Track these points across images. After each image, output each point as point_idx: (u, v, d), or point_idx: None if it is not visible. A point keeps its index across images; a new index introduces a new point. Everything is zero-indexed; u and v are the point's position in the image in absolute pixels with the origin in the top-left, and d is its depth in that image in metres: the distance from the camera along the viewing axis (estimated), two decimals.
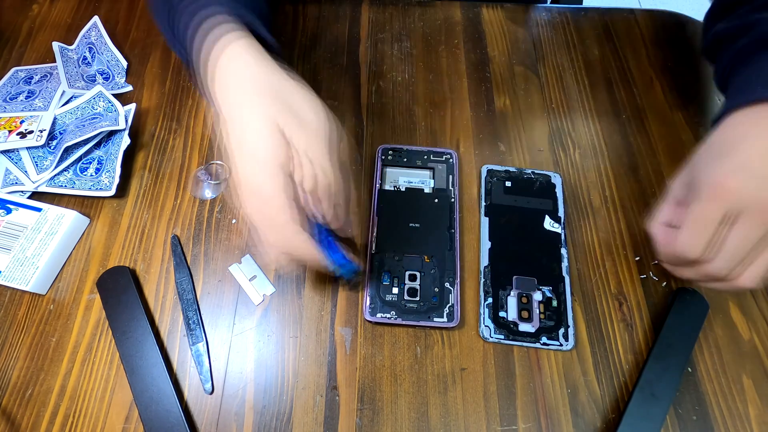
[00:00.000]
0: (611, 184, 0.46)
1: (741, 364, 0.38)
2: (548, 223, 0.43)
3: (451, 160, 0.46)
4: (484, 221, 0.43)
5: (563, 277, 0.40)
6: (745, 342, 0.39)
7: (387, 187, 0.44)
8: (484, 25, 0.56)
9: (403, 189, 0.44)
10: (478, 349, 0.39)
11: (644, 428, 0.34)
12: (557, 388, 0.37)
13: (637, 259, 0.42)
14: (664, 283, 0.41)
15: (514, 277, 0.40)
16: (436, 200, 0.44)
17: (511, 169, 0.45)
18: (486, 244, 0.42)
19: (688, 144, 0.48)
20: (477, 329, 0.39)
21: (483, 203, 0.44)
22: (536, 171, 0.45)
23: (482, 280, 0.40)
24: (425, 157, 0.46)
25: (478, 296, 0.40)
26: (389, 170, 0.45)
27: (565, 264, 0.41)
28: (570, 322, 0.39)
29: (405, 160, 0.46)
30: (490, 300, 0.40)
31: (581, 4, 0.75)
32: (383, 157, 0.46)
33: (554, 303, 0.39)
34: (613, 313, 0.40)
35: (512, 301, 0.40)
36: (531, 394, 0.37)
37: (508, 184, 0.45)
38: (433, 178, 0.45)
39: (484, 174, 0.45)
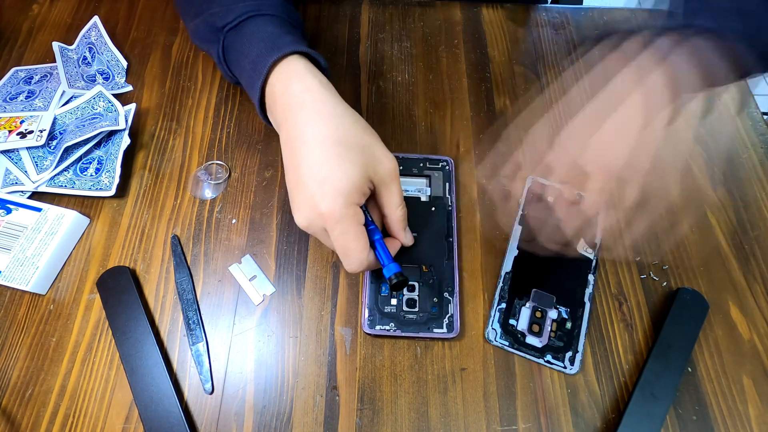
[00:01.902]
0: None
1: (741, 364, 0.38)
2: (581, 246, 0.42)
3: (447, 167, 0.45)
4: (517, 229, 0.42)
5: (584, 303, 0.39)
6: (745, 342, 0.39)
7: None
8: (484, 25, 0.56)
9: None
10: (478, 349, 0.39)
11: (644, 428, 0.34)
12: (557, 388, 0.37)
13: (637, 259, 0.42)
14: (664, 283, 0.41)
15: (534, 289, 0.40)
16: (433, 209, 0.43)
17: (556, 184, 0.41)
18: (513, 252, 0.41)
19: (689, 143, 0.48)
20: (479, 330, 0.39)
21: (520, 212, 0.43)
22: (581, 193, 0.44)
23: (500, 284, 0.40)
24: (421, 164, 0.45)
25: (481, 297, 0.40)
26: None
27: (589, 291, 0.40)
28: (580, 347, 0.38)
29: (401, 168, 0.45)
30: (503, 306, 0.39)
31: (581, 4, 0.75)
32: None
33: (568, 325, 0.39)
34: (613, 313, 0.40)
35: (526, 312, 0.39)
36: (531, 394, 0.37)
37: (550, 199, 0.42)
38: (430, 186, 0.44)
39: (529, 183, 0.44)
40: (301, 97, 0.35)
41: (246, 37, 0.40)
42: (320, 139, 0.33)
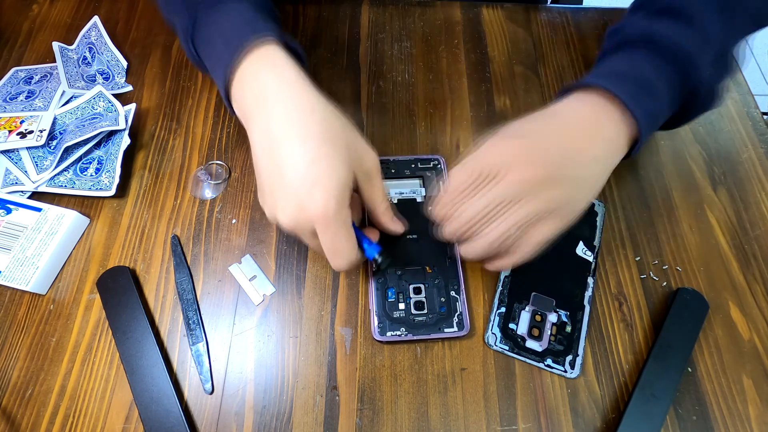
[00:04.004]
0: (611, 184, 0.46)
1: (741, 364, 0.38)
2: (581, 249, 0.42)
3: (439, 166, 0.45)
4: None
5: (584, 306, 0.39)
6: (745, 342, 0.39)
7: None
8: (484, 25, 0.56)
9: (395, 201, 0.43)
10: (478, 349, 0.38)
11: (644, 428, 0.34)
12: (557, 388, 0.37)
13: (638, 259, 0.42)
14: (664, 283, 0.41)
15: (533, 293, 0.40)
16: (430, 209, 0.43)
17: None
18: None
19: (689, 142, 0.48)
20: (479, 330, 0.39)
21: None
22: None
23: (499, 288, 0.40)
24: (413, 165, 0.45)
25: (481, 297, 0.40)
26: None
27: (588, 293, 0.40)
28: (580, 351, 0.38)
29: (393, 171, 0.45)
30: (503, 309, 0.39)
31: (581, 4, 0.75)
32: None
33: (568, 328, 0.39)
34: (613, 313, 0.40)
35: (525, 316, 0.39)
36: (531, 394, 0.37)
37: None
38: (424, 186, 0.44)
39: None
40: (277, 89, 0.34)
41: (223, 15, 0.38)
42: (305, 138, 0.32)
